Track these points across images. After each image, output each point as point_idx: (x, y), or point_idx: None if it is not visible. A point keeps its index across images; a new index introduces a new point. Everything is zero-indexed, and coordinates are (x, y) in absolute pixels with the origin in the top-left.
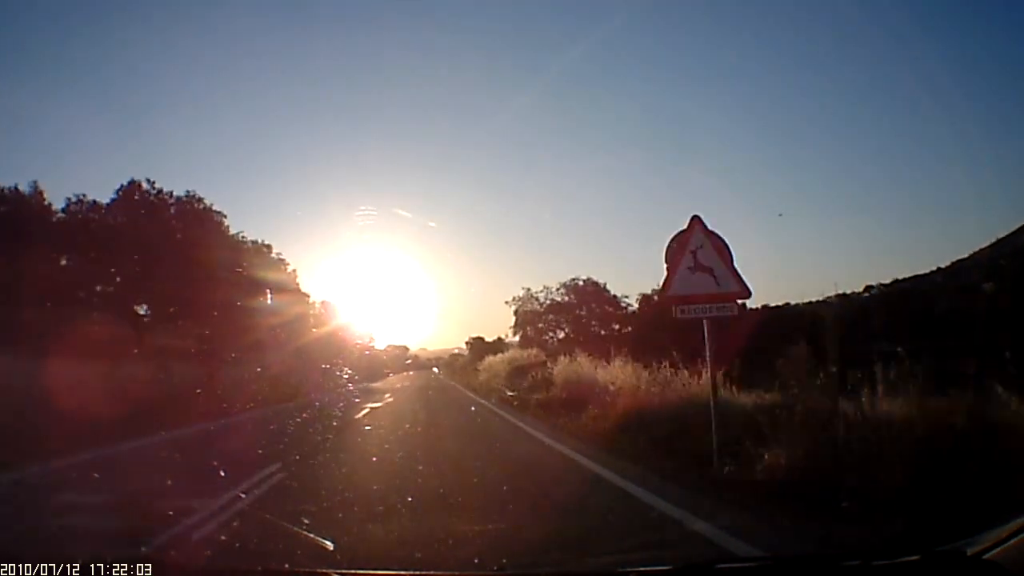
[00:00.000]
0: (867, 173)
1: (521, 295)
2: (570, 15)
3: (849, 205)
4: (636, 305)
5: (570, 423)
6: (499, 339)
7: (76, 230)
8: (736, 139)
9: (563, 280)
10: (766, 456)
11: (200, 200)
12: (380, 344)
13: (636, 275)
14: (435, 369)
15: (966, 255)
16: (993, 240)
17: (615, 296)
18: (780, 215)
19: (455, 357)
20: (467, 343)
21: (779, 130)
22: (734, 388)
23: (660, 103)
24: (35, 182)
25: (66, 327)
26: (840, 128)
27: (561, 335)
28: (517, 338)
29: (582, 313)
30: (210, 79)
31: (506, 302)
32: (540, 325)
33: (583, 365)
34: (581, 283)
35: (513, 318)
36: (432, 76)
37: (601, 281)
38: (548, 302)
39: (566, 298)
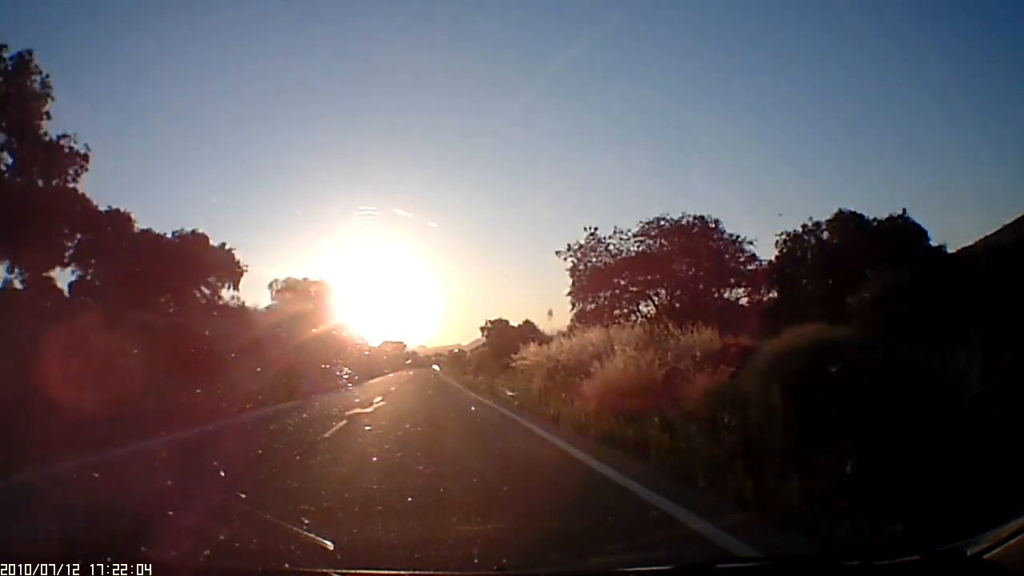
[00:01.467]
0: (864, 169)
1: (582, 243)
2: (571, 14)
3: (847, 201)
4: (776, 253)
5: None
6: (527, 323)
7: None
8: (735, 137)
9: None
10: None
11: None
12: (377, 342)
13: None
14: (435, 367)
15: (971, 243)
16: (998, 227)
17: (736, 238)
18: (780, 215)
19: (456, 355)
20: (482, 328)
21: (777, 127)
22: None
23: (661, 101)
24: None
25: None
26: (836, 124)
27: (648, 308)
28: (572, 313)
29: (684, 268)
30: (208, 79)
31: (557, 252)
32: (616, 290)
33: None
34: (672, 223)
35: (569, 280)
36: (433, 76)
37: (712, 218)
38: (621, 254)
39: (647, 248)
